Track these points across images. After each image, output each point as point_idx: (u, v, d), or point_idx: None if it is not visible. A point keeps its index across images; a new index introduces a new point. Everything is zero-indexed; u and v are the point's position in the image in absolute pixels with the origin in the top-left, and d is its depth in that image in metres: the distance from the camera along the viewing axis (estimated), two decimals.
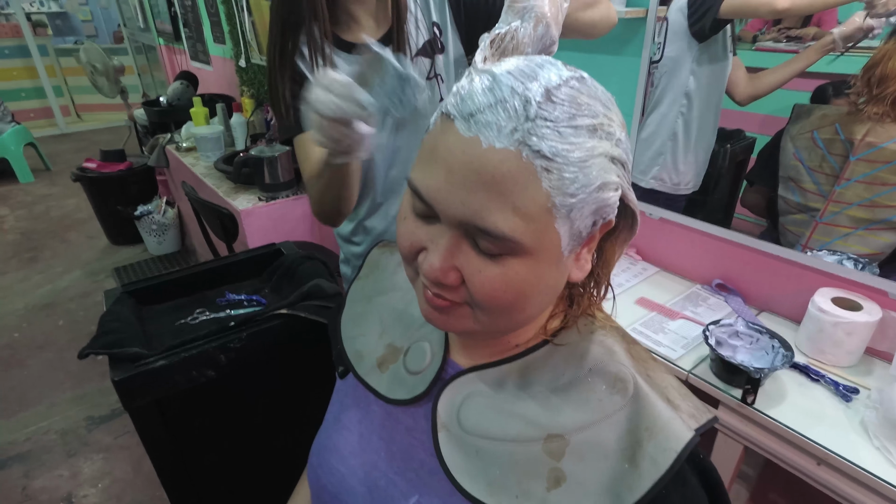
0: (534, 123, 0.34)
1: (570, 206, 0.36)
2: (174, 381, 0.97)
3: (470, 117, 0.35)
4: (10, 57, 5.82)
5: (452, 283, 0.39)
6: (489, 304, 0.39)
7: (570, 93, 0.36)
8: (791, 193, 1.19)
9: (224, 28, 3.01)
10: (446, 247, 0.38)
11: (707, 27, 1.22)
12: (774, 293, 1.21)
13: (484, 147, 0.34)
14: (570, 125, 0.35)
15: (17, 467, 1.84)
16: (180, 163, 2.60)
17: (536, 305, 0.41)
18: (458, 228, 0.37)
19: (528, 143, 0.34)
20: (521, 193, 0.34)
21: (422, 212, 0.39)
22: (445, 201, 0.36)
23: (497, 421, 0.44)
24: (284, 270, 1.23)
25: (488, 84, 0.36)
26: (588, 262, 0.42)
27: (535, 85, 0.35)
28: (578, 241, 0.39)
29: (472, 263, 0.37)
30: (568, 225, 0.36)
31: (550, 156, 0.34)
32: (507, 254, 0.36)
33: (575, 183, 0.35)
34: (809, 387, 0.99)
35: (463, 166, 0.35)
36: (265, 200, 2.03)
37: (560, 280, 0.41)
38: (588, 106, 0.36)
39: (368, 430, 0.53)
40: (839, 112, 1.08)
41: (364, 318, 0.60)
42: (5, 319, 2.70)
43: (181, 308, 1.19)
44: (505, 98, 0.35)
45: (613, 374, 0.44)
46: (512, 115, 0.34)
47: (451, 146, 0.36)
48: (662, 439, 0.40)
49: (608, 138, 0.37)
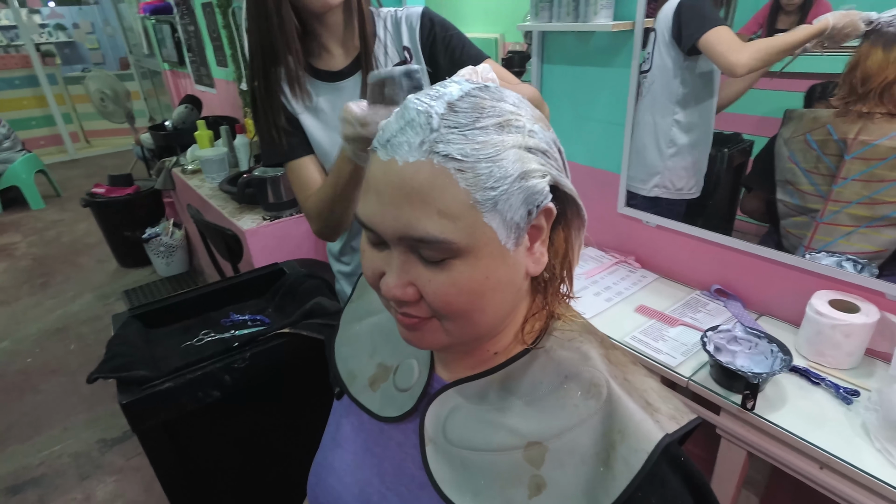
0: (438, 133, 0.37)
1: (495, 199, 0.38)
2: (181, 403, 0.99)
3: (386, 143, 0.39)
4: (21, 87, 5.97)
5: (411, 298, 0.41)
6: (447, 310, 0.40)
7: (473, 101, 0.39)
8: (789, 196, 1.20)
9: (226, 52, 3.08)
10: (398, 266, 0.41)
11: (688, 49, 1.24)
12: (773, 297, 1.22)
13: (400, 165, 0.38)
14: (475, 127, 0.38)
15: (31, 492, 1.86)
16: (186, 185, 2.65)
17: (496, 304, 0.42)
18: (403, 246, 0.40)
19: (436, 150, 0.37)
20: (442, 196, 0.37)
21: (374, 240, 0.42)
22: (382, 223, 0.40)
23: (480, 432, 0.46)
24: (287, 290, 1.25)
25: (400, 112, 0.40)
26: (544, 255, 0.44)
27: (437, 102, 0.39)
28: (519, 232, 0.40)
29: (423, 275, 0.40)
30: (499, 217, 0.38)
31: (460, 157, 0.37)
32: (449, 257, 0.39)
33: (491, 177, 0.37)
34: (810, 390, 0.99)
35: (387, 187, 0.39)
36: (269, 220, 2.06)
37: (513, 275, 0.42)
38: (492, 108, 0.39)
39: (362, 448, 0.55)
40: (829, 113, 1.09)
41: (356, 339, 0.62)
42: (19, 345, 2.74)
43: (187, 330, 1.22)
44: (412, 118, 0.38)
45: (588, 380, 0.45)
46: (419, 130, 0.38)
47: (376, 172, 0.40)
48: (634, 441, 0.41)
49: (518, 131, 0.39)
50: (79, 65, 6.72)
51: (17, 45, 6.09)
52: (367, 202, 0.41)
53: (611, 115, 1.41)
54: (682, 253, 1.38)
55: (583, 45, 1.41)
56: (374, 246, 0.43)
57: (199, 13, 3.34)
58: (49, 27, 6.48)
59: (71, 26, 6.63)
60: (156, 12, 3.80)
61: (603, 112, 1.43)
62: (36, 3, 6.30)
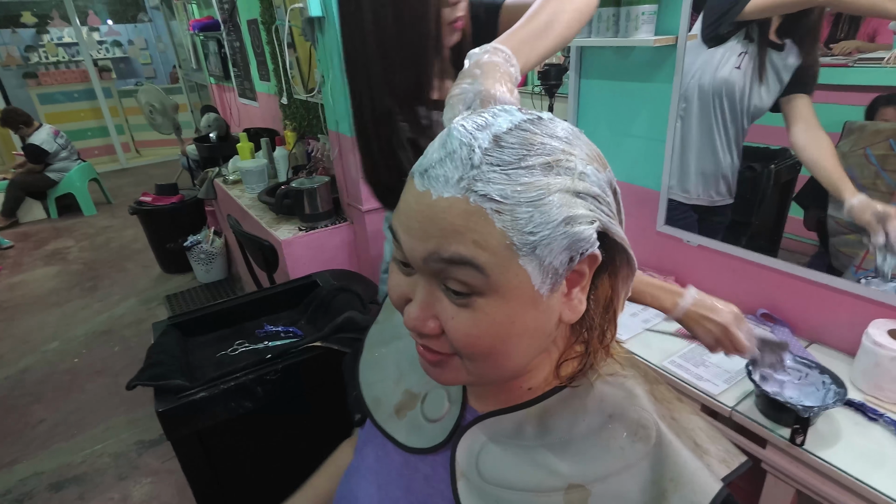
0: (479, 170, 0.35)
1: (533, 244, 0.35)
2: (214, 413, 1.00)
3: (424, 173, 0.37)
4: (79, 100, 6.35)
5: (432, 332, 0.39)
6: (468, 350, 0.38)
7: (522, 135, 0.36)
8: (841, 212, 1.14)
9: (269, 66, 3.17)
10: (423, 297, 0.39)
11: (724, 30, 1.19)
12: (824, 324, 1.15)
13: (433, 199, 0.36)
14: (521, 166, 0.35)
15: (73, 489, 1.93)
16: (227, 195, 2.73)
17: (521, 350, 0.40)
18: (429, 275, 0.38)
19: (474, 188, 0.35)
20: (476, 232, 0.35)
21: (401, 259, 0.41)
22: (410, 248, 0.38)
23: (517, 469, 0.44)
24: (319, 302, 1.26)
25: (443, 140, 0.38)
26: (582, 303, 0.41)
27: (483, 134, 0.36)
28: (557, 277, 0.37)
29: (447, 310, 0.38)
30: (536, 262, 0.36)
31: (500, 198, 0.34)
32: (476, 294, 0.36)
33: (531, 222, 0.35)
34: (867, 427, 0.92)
35: (417, 218, 0.37)
36: (305, 230, 2.09)
37: (543, 322, 0.39)
38: (542, 145, 0.36)
39: (386, 481, 0.53)
40: (893, 127, 1.03)
41: (381, 363, 0.60)
42: (68, 345, 2.87)
43: (223, 339, 1.24)
44: (454, 150, 0.36)
45: (635, 421, 0.43)
46: (458, 165, 0.35)
47: (409, 200, 0.38)
48: (689, 492, 0.39)
49: (568, 173, 0.36)
50: (132, 79, 7.08)
51: (77, 61, 6.47)
52: (399, 223, 0.39)
53: (651, 132, 1.37)
54: (725, 274, 1.32)
55: (622, 59, 1.38)
56: (401, 268, 0.42)
57: (244, 29, 3.47)
58: (106, 44, 6.86)
59: (126, 43, 6.99)
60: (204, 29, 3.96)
61: (643, 128, 1.40)
62: (95, 22, 6.68)
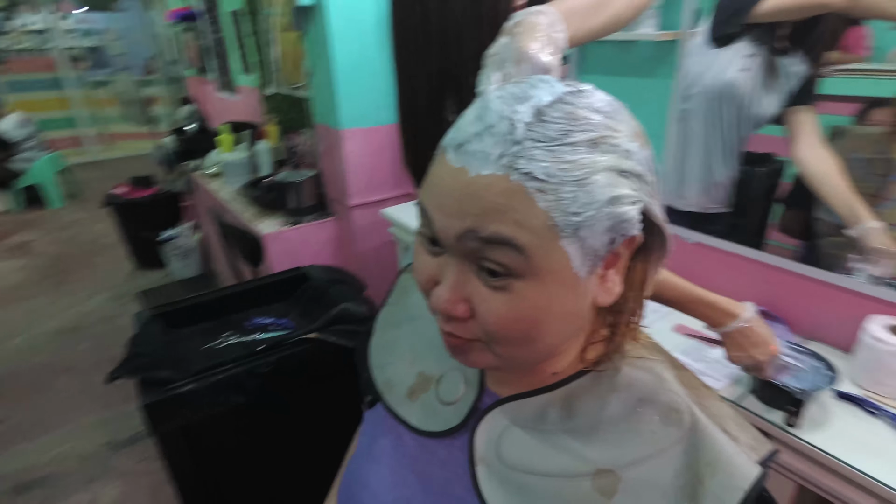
0: (521, 146, 0.33)
1: (577, 225, 0.33)
2: (202, 406, 0.95)
3: (459, 147, 0.35)
4: (49, 89, 6.11)
5: (462, 315, 0.37)
6: (500, 334, 0.36)
7: (565, 108, 0.34)
8: (829, 215, 1.15)
9: (250, 59, 3.10)
10: (454, 278, 0.37)
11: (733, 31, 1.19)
12: (821, 320, 1.16)
13: (471, 176, 0.33)
14: (565, 143, 0.33)
15: (37, 491, 1.83)
16: (205, 189, 2.65)
17: (555, 334, 0.38)
18: (462, 251, 0.36)
19: (516, 166, 0.32)
20: (518, 212, 0.33)
21: (429, 240, 0.38)
22: (443, 226, 0.36)
23: (541, 454, 0.42)
24: (312, 293, 1.22)
25: (478, 112, 0.35)
26: (617, 285, 0.39)
27: (524, 107, 0.34)
28: (596, 259, 0.36)
29: (479, 293, 0.36)
30: (578, 243, 0.34)
31: (544, 177, 0.32)
32: (513, 276, 0.34)
33: (576, 202, 0.33)
34: (868, 421, 0.93)
35: (453, 193, 0.35)
36: (291, 224, 2.04)
37: (580, 305, 0.37)
38: (587, 120, 0.34)
39: (400, 464, 0.50)
40: (879, 132, 1.05)
41: (394, 345, 0.58)
42: (34, 342, 2.73)
43: (208, 332, 1.19)
44: (492, 124, 0.34)
45: (666, 404, 0.41)
46: (499, 140, 0.33)
47: (443, 176, 0.36)
48: (727, 476, 0.38)
49: (613, 150, 0.34)
50: (106, 69, 6.85)
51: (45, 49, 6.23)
52: (429, 196, 0.37)
53: (651, 128, 1.38)
54: (722, 271, 1.33)
55: (624, 54, 1.38)
56: (429, 248, 0.39)
57: (225, 20, 3.38)
58: (78, 32, 6.63)
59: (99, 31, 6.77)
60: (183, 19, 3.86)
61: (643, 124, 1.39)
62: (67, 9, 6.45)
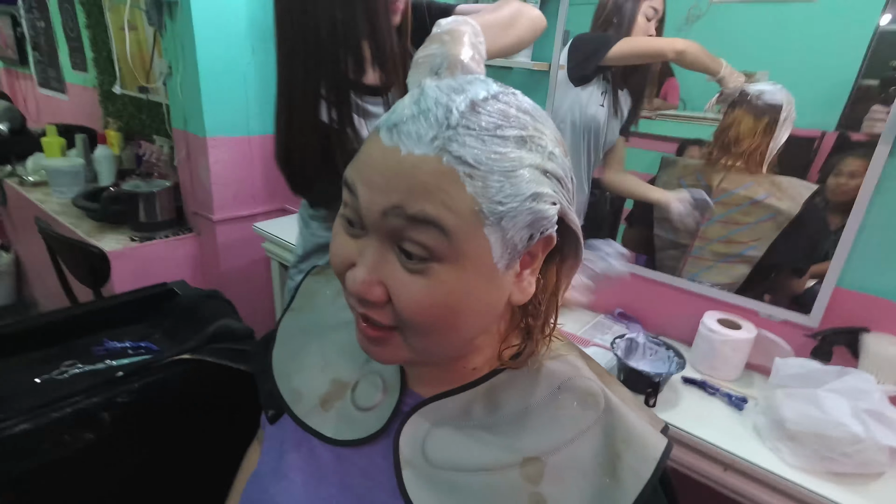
0: (455, 131, 0.34)
1: (501, 214, 0.35)
2: (39, 452, 0.78)
3: (393, 127, 0.35)
4: None
5: (377, 299, 0.37)
6: (415, 321, 0.36)
7: (498, 105, 0.36)
8: (665, 232, 1.35)
9: (87, 55, 2.71)
10: (372, 259, 0.36)
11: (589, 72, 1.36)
12: (668, 318, 1.35)
13: (403, 155, 0.34)
14: (497, 135, 0.35)
15: None
16: (25, 199, 2.22)
17: (469, 325, 0.39)
18: (384, 235, 0.36)
19: (449, 149, 0.34)
20: (446, 193, 0.34)
21: (350, 221, 0.38)
22: (370, 203, 0.36)
23: (468, 450, 0.42)
24: (182, 311, 1.08)
25: (415, 98, 0.36)
26: (531, 286, 0.40)
27: (460, 97, 0.35)
28: (514, 254, 0.37)
29: (397, 277, 0.36)
30: (499, 233, 0.35)
31: (474, 163, 0.34)
32: (433, 259, 0.35)
33: (501, 192, 0.34)
34: (708, 400, 1.10)
35: (383, 169, 0.35)
36: (139, 241, 1.80)
37: (496, 298, 0.38)
38: (517, 118, 0.36)
39: (315, 478, 0.47)
40: (699, 162, 1.27)
41: (301, 352, 0.54)
42: None
43: (41, 362, 0.98)
44: (429, 108, 0.35)
45: (583, 389, 0.44)
46: (433, 123, 0.34)
47: (374, 154, 0.36)
48: (641, 448, 0.41)
49: (539, 151, 0.36)
50: None
51: None
52: (357, 172, 0.37)
53: None
54: None
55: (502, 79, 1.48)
56: (348, 229, 0.38)
57: (53, 9, 2.92)
58: None
59: None
60: None
61: None
62: None
